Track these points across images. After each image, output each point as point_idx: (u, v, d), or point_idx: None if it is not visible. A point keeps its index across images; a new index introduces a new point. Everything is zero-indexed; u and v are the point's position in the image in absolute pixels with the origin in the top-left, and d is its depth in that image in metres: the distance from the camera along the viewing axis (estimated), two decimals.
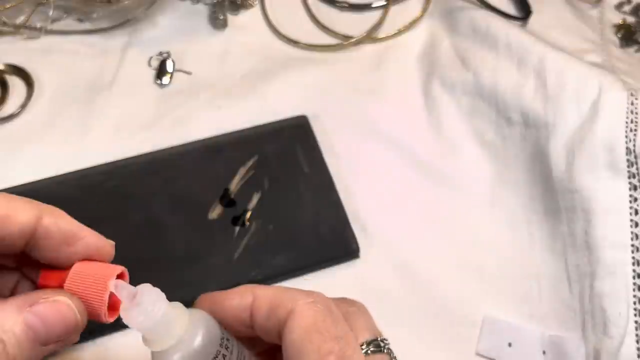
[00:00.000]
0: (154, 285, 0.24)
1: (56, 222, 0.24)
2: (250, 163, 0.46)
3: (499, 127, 0.47)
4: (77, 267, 0.24)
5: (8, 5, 0.50)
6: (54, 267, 0.25)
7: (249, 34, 0.54)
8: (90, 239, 0.25)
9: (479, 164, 0.47)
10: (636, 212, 0.40)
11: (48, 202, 0.46)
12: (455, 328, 0.41)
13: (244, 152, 0.46)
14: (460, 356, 0.40)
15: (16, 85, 0.50)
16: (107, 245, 0.25)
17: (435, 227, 0.45)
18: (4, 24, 0.51)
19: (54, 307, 0.23)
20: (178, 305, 0.25)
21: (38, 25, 0.51)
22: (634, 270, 0.39)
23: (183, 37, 0.53)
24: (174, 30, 0.53)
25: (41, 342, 0.22)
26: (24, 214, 0.23)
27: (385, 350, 0.27)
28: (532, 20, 0.53)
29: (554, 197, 0.43)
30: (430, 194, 0.46)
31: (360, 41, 0.53)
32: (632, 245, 0.39)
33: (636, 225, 0.40)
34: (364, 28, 0.54)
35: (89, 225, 0.42)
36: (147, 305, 0.23)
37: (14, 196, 0.24)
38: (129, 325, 0.23)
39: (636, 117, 0.41)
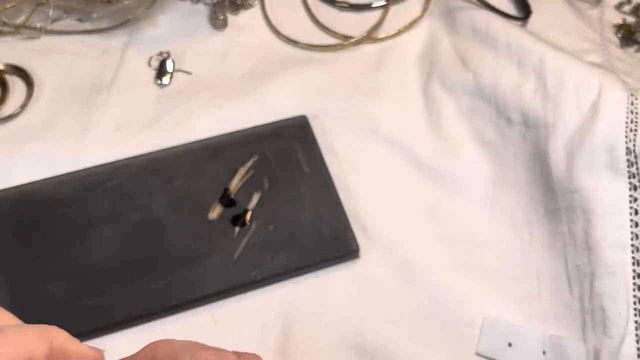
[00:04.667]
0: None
1: (62, 346, 0.23)
2: (250, 163, 0.46)
3: (499, 127, 0.47)
4: None
5: (8, 5, 0.51)
6: None
7: (249, 34, 0.54)
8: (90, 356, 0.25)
9: (479, 164, 0.47)
10: (636, 212, 0.40)
11: (48, 202, 0.46)
12: (455, 328, 0.41)
13: (244, 152, 0.46)
14: (460, 356, 0.40)
15: (16, 85, 0.50)
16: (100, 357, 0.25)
17: (435, 227, 0.45)
18: (4, 24, 0.51)
19: None
20: None
21: (38, 25, 0.51)
22: (634, 270, 0.39)
23: (183, 37, 0.53)
24: (174, 30, 0.53)
25: None
26: (41, 351, 0.22)
27: None
28: (532, 20, 0.53)
29: (554, 197, 0.43)
30: (430, 194, 0.46)
31: (360, 41, 0.53)
32: (632, 245, 0.39)
33: (636, 225, 0.40)
34: (364, 28, 0.54)
35: (89, 225, 0.42)
36: None
37: (23, 330, 0.22)
38: None
39: (636, 117, 0.41)
